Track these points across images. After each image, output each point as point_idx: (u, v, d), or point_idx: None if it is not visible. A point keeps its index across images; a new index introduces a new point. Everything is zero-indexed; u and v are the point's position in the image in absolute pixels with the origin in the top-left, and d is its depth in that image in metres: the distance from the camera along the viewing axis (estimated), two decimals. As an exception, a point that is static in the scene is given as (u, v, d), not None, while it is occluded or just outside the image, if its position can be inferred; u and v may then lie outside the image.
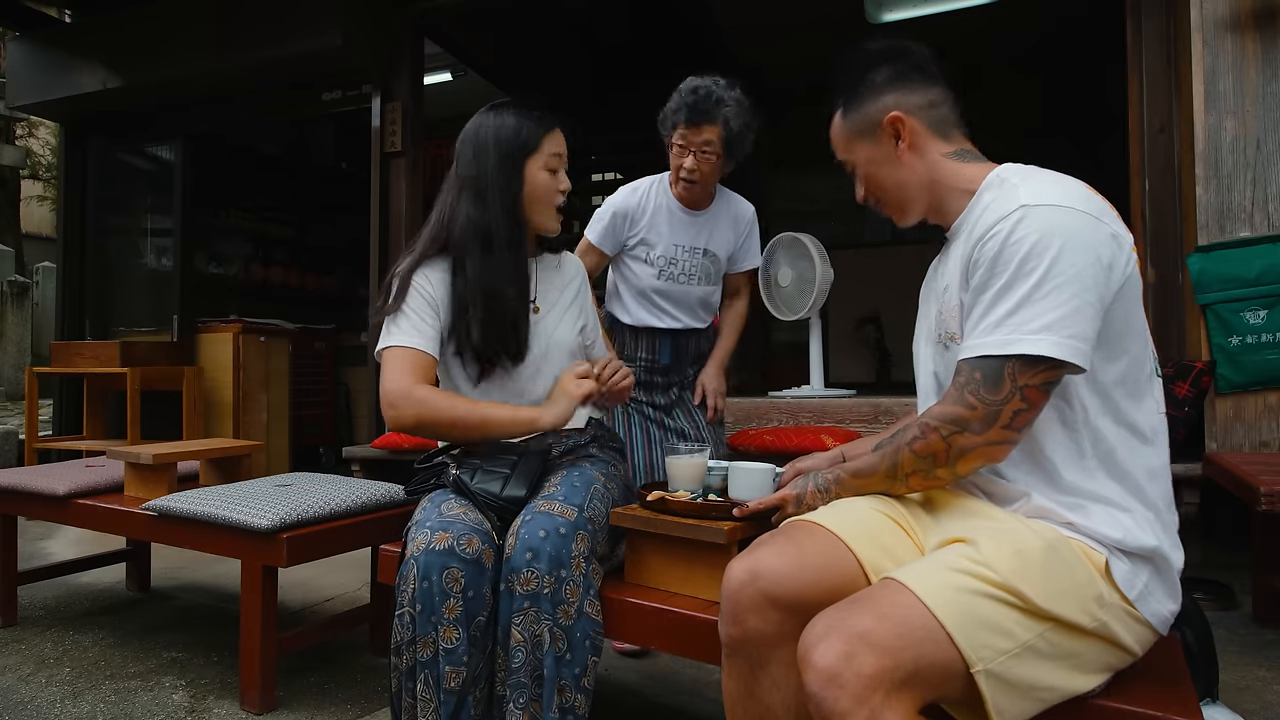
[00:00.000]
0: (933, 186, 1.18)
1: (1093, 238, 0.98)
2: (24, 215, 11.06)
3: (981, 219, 1.07)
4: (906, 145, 1.17)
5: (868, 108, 1.20)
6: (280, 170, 6.00)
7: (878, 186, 1.23)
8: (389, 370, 1.50)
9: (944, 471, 1.05)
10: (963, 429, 1.01)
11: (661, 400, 2.19)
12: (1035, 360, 0.97)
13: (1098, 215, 1.00)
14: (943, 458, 1.04)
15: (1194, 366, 2.51)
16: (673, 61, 6.11)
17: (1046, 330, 0.96)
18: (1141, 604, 0.99)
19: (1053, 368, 0.97)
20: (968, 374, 1.02)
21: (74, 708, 1.85)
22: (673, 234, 2.10)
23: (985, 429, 1.00)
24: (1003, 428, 0.99)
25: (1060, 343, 0.96)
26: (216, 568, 3.01)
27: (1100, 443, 1.02)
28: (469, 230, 1.55)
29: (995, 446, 1.01)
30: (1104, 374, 1.02)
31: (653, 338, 2.16)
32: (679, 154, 2.00)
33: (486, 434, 1.51)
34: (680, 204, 2.10)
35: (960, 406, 1.01)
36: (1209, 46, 2.53)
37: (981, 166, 1.15)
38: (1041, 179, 1.06)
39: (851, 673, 0.85)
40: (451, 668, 1.28)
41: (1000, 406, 0.99)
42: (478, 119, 1.61)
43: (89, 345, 4.32)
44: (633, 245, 2.11)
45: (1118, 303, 1.00)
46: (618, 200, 2.12)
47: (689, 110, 1.93)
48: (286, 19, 3.97)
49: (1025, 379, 0.98)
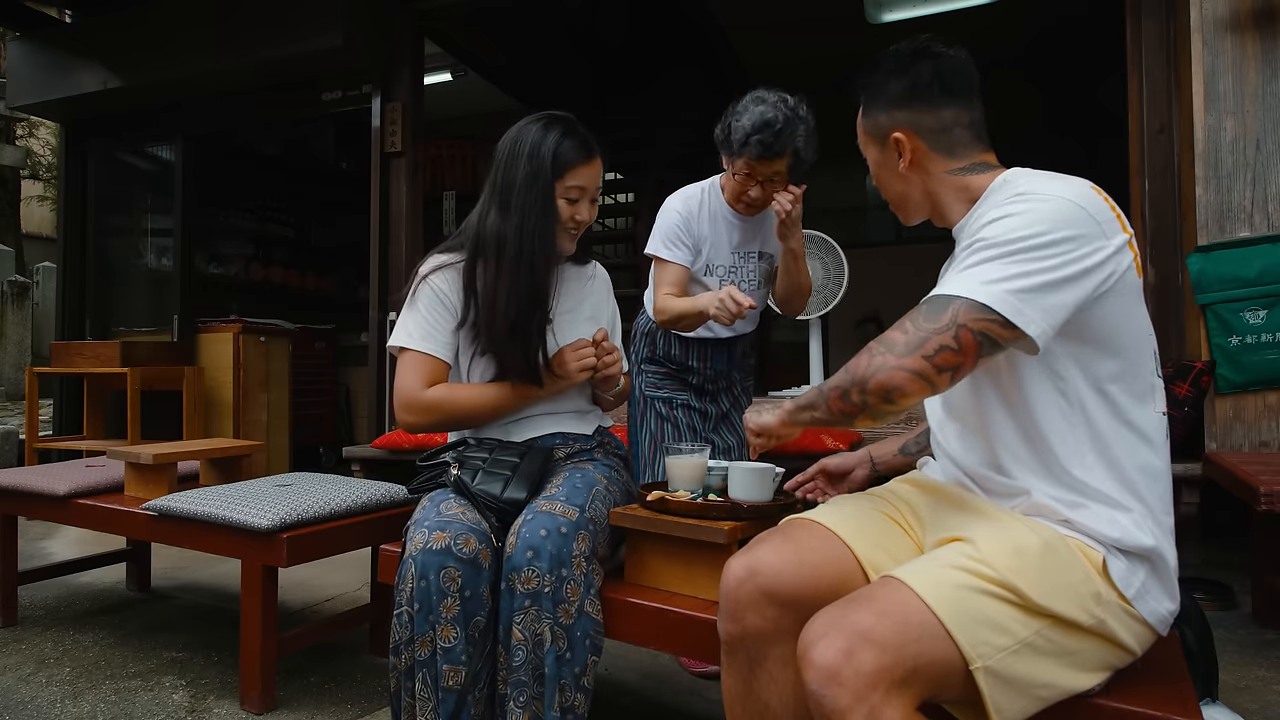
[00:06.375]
0: (933, 198, 1.17)
1: (1080, 229, 0.97)
2: (24, 215, 11.07)
3: (979, 211, 1.08)
4: (907, 164, 1.16)
5: (879, 117, 1.19)
6: (280, 170, 6.01)
7: (881, 186, 1.24)
8: (401, 375, 1.57)
9: (857, 395, 1.01)
10: (886, 349, 0.99)
11: (713, 409, 2.15)
12: (980, 306, 0.95)
13: (1091, 210, 0.99)
14: (859, 376, 1.00)
15: (1194, 366, 2.51)
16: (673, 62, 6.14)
17: (999, 284, 0.95)
18: (1139, 602, 0.99)
19: (997, 323, 0.95)
20: (918, 306, 1.01)
21: (74, 707, 1.85)
22: (731, 242, 2.03)
23: (906, 353, 0.97)
24: (923, 357, 0.96)
25: (1008, 300, 0.94)
26: (216, 568, 3.01)
27: (1100, 439, 1.02)
28: (492, 236, 1.56)
29: (908, 375, 0.97)
30: (1099, 369, 1.01)
31: (705, 347, 2.10)
32: (744, 182, 1.90)
33: (499, 417, 1.61)
34: (733, 210, 2.02)
35: (896, 330, 1.01)
36: (1209, 46, 2.54)
37: (990, 175, 1.13)
38: (1045, 177, 1.06)
39: (851, 670, 0.86)
40: (450, 666, 1.28)
41: (930, 335, 0.97)
42: (523, 126, 1.59)
43: (89, 345, 4.32)
44: (697, 266, 2.02)
45: (1108, 300, 0.99)
46: (677, 204, 2.01)
47: (763, 148, 1.82)
48: (287, 19, 3.98)
49: (966, 319, 0.96)
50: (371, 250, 4.08)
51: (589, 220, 1.62)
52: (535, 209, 1.54)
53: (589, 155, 1.57)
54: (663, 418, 2.09)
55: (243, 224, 5.73)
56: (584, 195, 1.59)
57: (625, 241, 6.80)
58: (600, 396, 1.74)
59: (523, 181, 1.54)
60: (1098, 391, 1.02)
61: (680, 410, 2.10)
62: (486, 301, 1.54)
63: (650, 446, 2.09)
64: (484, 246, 1.57)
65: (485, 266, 1.56)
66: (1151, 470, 1.03)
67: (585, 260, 1.77)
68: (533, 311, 1.55)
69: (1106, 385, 1.02)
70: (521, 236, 1.53)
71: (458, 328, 1.59)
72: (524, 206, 1.54)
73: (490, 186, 1.60)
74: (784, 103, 1.83)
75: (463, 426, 1.62)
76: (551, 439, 1.63)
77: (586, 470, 1.54)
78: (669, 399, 2.10)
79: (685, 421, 2.09)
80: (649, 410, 2.11)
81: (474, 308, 1.57)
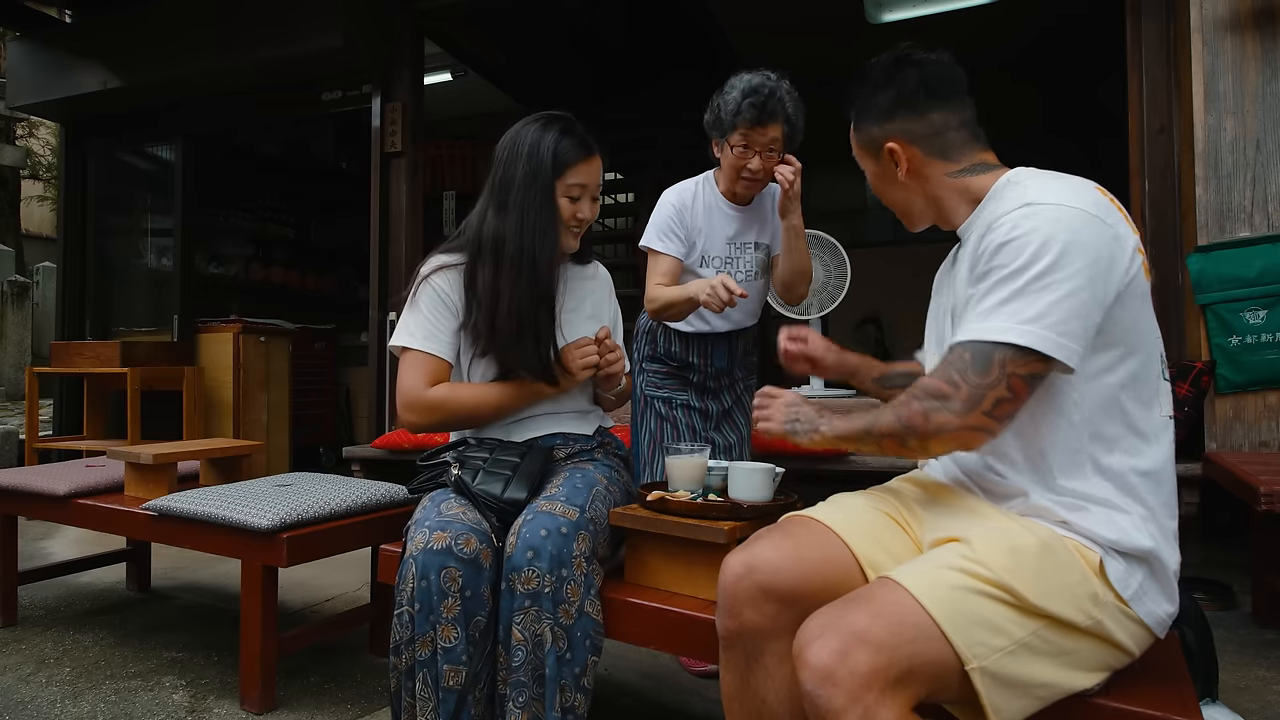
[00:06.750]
0: (937, 202, 1.17)
1: (1095, 238, 0.98)
2: (24, 215, 11.07)
3: (986, 213, 1.08)
4: (904, 172, 1.17)
5: (871, 130, 1.19)
6: (280, 170, 6.01)
7: (881, 196, 1.24)
8: (404, 375, 1.57)
9: (917, 445, 1.02)
10: (943, 406, 0.99)
11: (714, 407, 2.14)
12: (1025, 351, 0.96)
13: (1103, 216, 1.00)
14: (919, 431, 1.01)
15: (1194, 366, 2.51)
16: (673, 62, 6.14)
17: (1037, 323, 0.96)
18: (1136, 604, 0.99)
19: (1039, 361, 0.97)
20: (958, 354, 1.01)
21: (74, 707, 1.85)
22: (726, 233, 2.04)
23: (966, 411, 0.98)
24: (983, 413, 0.98)
25: (1048, 337, 0.95)
26: (216, 568, 3.01)
27: (1104, 446, 1.02)
28: (490, 237, 1.56)
29: (972, 432, 0.99)
30: (1111, 376, 1.01)
31: (705, 343, 2.10)
32: (742, 155, 1.90)
33: (502, 416, 1.61)
34: (727, 201, 2.03)
35: (945, 383, 1.00)
36: (1209, 46, 2.54)
37: (991, 175, 1.13)
38: (1050, 179, 1.06)
39: (846, 670, 0.86)
40: (450, 666, 1.28)
41: (985, 390, 0.97)
42: (521, 127, 1.60)
43: (89, 345, 4.32)
44: (691, 258, 2.03)
45: (1121, 304, 0.99)
46: (671, 197, 2.03)
47: (756, 110, 1.83)
48: (287, 19, 3.98)
49: (1014, 368, 0.97)
50: (371, 250, 4.08)
51: (591, 218, 1.62)
52: (534, 206, 1.54)
53: (588, 153, 1.57)
54: (662, 418, 2.09)
55: (243, 224, 5.73)
56: (585, 193, 1.59)
57: (625, 241, 6.81)
58: (602, 396, 1.74)
59: (522, 180, 1.54)
60: (1105, 397, 1.02)
61: (680, 410, 2.10)
62: (488, 301, 1.54)
63: (649, 446, 2.09)
64: (483, 248, 1.57)
65: (485, 267, 1.56)
66: (1155, 474, 1.03)
67: (587, 260, 1.78)
68: (538, 307, 1.55)
69: (1114, 390, 1.02)
70: (521, 234, 1.53)
71: (459, 328, 1.60)
72: (523, 204, 1.54)
73: (489, 188, 1.60)
74: (768, 76, 1.86)
75: (465, 426, 1.62)
76: (552, 439, 1.63)
77: (587, 470, 1.54)
78: (669, 399, 2.10)
79: (685, 422, 2.09)
80: (648, 410, 2.11)
81: (476, 309, 1.57)
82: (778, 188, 2.05)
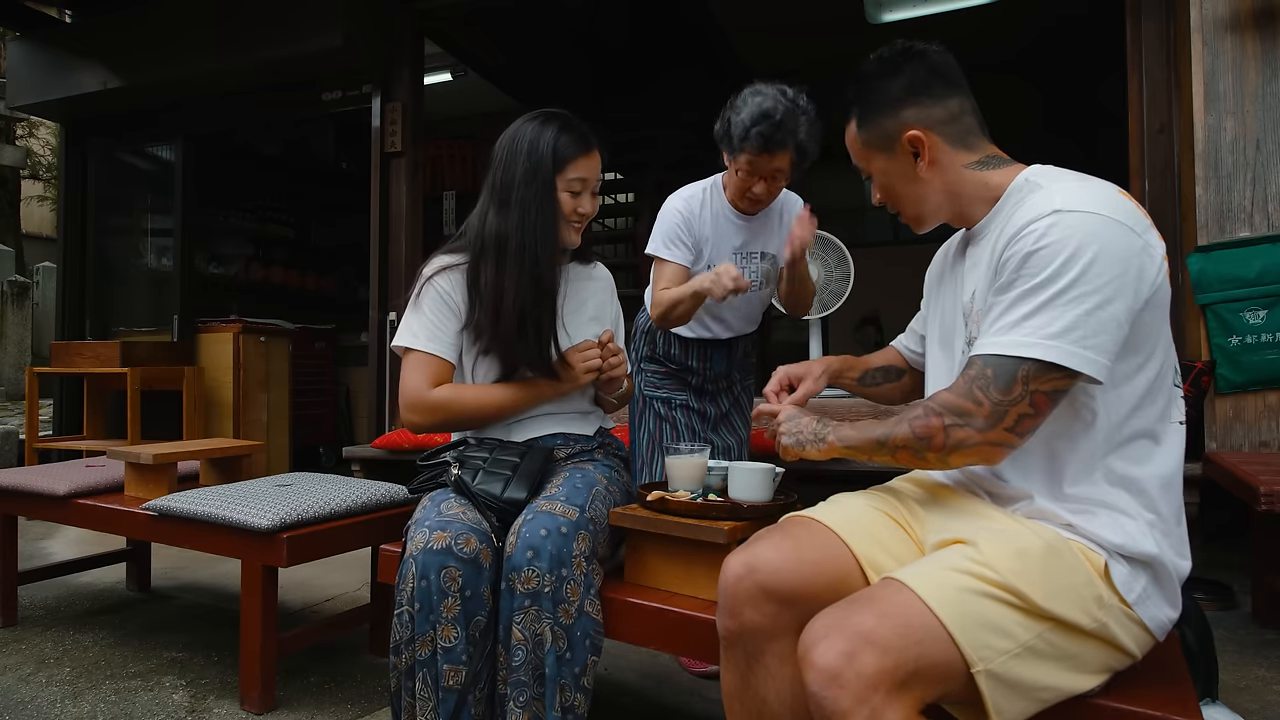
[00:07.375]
0: (954, 198, 1.14)
1: (1125, 248, 0.96)
2: (24, 215, 11.07)
3: (1012, 220, 1.03)
4: (926, 162, 1.12)
5: (884, 121, 1.14)
6: (280, 170, 6.01)
7: (894, 197, 1.20)
8: (407, 375, 1.57)
9: (935, 458, 1.02)
10: (965, 423, 0.99)
11: (713, 410, 2.14)
12: (1049, 367, 0.95)
13: (1131, 225, 0.97)
14: (938, 445, 1.01)
15: (1194, 366, 2.51)
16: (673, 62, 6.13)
17: (1064, 337, 0.94)
18: (1140, 608, 0.99)
19: (1065, 376, 0.95)
20: (979, 369, 0.99)
21: (74, 707, 1.85)
22: (733, 243, 2.01)
23: (988, 427, 0.98)
24: (1005, 429, 0.98)
25: (1076, 352, 0.94)
26: (216, 568, 3.01)
27: (1118, 452, 1.01)
28: (492, 235, 1.56)
29: (993, 447, 0.99)
30: (1129, 384, 1.00)
31: (705, 348, 2.09)
32: (746, 179, 1.87)
33: (504, 417, 1.61)
34: (735, 210, 1.99)
35: (967, 400, 0.99)
36: (1209, 46, 2.54)
37: (1007, 171, 1.11)
38: (1073, 182, 1.03)
39: (852, 672, 0.85)
40: (450, 666, 1.28)
41: (1007, 408, 0.97)
42: (519, 125, 1.59)
43: (89, 345, 4.32)
44: (698, 266, 2.00)
45: (1146, 313, 0.98)
46: (678, 204, 1.99)
47: (763, 140, 1.78)
48: (287, 19, 3.97)
49: (1037, 384, 0.96)
50: (371, 250, 4.08)
51: (592, 212, 1.63)
52: (535, 203, 1.54)
53: (587, 147, 1.57)
54: (661, 418, 2.09)
55: (243, 224, 5.73)
56: (585, 187, 1.59)
57: (625, 241, 6.80)
58: (603, 398, 1.74)
59: (522, 178, 1.54)
60: (1122, 404, 1.01)
61: (679, 410, 2.09)
62: (491, 299, 1.54)
63: (648, 446, 2.09)
64: (486, 246, 1.57)
65: (488, 265, 1.56)
66: (1165, 481, 1.02)
67: (589, 260, 1.78)
68: (540, 302, 1.55)
69: (1131, 398, 1.01)
70: (523, 230, 1.54)
71: (462, 328, 1.60)
72: (524, 201, 1.54)
73: (489, 187, 1.60)
74: (783, 95, 1.80)
75: (468, 427, 1.62)
76: (552, 439, 1.63)
77: (587, 470, 1.54)
78: (668, 399, 2.10)
79: (684, 422, 2.09)
80: (648, 410, 2.10)
81: (478, 308, 1.57)
82: (789, 197, 2.06)
